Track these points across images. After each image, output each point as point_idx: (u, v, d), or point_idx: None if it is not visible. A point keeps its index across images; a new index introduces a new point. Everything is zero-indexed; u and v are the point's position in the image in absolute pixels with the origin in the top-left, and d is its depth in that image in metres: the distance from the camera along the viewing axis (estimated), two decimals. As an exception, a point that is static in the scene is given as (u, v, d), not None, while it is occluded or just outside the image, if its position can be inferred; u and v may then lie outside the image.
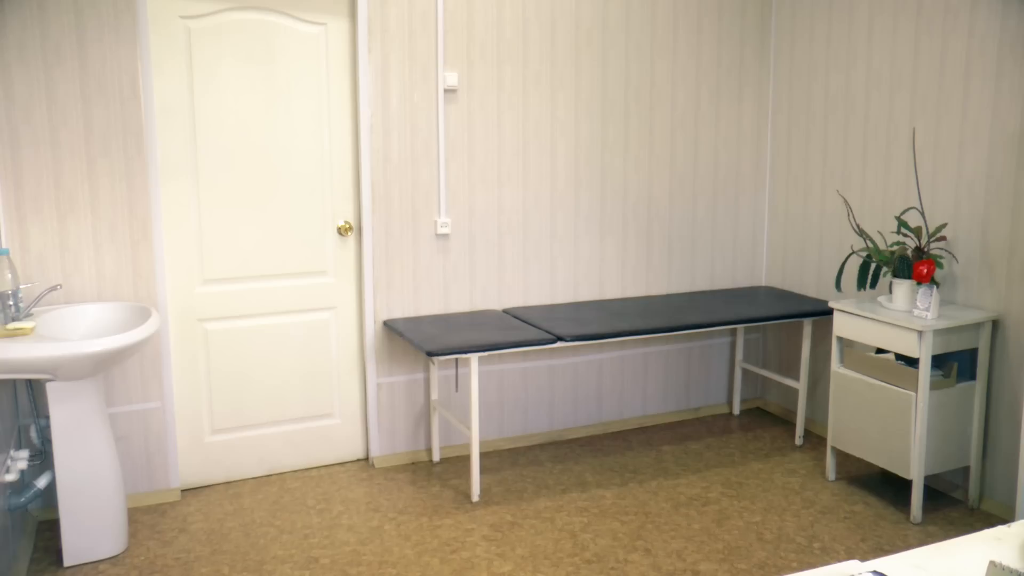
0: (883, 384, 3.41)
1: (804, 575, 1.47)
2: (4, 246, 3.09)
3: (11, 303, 2.93)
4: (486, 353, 3.42)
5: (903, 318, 3.32)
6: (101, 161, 3.25)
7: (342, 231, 3.74)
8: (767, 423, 4.49)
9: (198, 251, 3.53)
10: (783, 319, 4.00)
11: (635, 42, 4.14)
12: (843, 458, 3.83)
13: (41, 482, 3.04)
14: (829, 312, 3.74)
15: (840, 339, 3.63)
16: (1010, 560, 1.55)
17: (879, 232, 3.74)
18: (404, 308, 3.85)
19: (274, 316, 3.71)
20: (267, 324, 3.70)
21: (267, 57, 3.56)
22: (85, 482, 2.97)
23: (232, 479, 3.72)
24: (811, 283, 4.31)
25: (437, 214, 3.85)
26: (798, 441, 4.19)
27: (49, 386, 2.89)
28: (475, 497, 3.54)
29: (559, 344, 3.52)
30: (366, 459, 3.94)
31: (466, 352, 3.37)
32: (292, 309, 3.74)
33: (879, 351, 3.53)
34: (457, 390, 3.98)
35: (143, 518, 3.37)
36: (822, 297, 4.19)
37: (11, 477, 2.82)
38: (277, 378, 3.75)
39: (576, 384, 4.26)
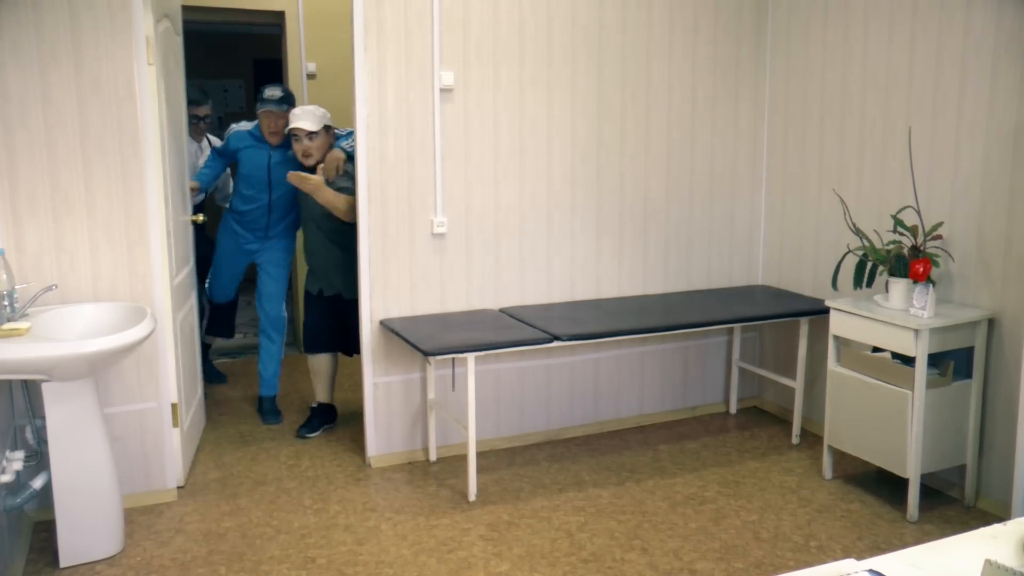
0: (879, 383, 3.41)
1: (800, 574, 1.47)
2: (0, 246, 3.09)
3: (6, 303, 2.92)
4: (483, 353, 3.42)
5: (899, 317, 3.32)
6: (97, 161, 3.24)
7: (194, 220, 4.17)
8: (764, 422, 4.49)
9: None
10: (779, 318, 4.00)
11: (631, 42, 4.14)
12: (840, 457, 3.83)
13: (37, 483, 3.03)
14: (825, 311, 3.74)
15: (837, 338, 3.63)
16: (1006, 558, 1.55)
17: (875, 231, 3.74)
18: (400, 308, 3.84)
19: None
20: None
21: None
22: (81, 482, 2.97)
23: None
24: (807, 282, 4.31)
25: (433, 213, 3.85)
26: (795, 440, 4.19)
27: (45, 386, 2.88)
28: (472, 497, 3.54)
29: (556, 344, 3.52)
30: (364, 461, 3.94)
31: (463, 352, 3.37)
32: None
33: (875, 350, 3.53)
34: (454, 390, 3.98)
35: (139, 518, 3.36)
36: (818, 296, 4.19)
37: (7, 478, 2.81)
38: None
39: (573, 383, 4.26)
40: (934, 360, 3.35)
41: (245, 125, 4.42)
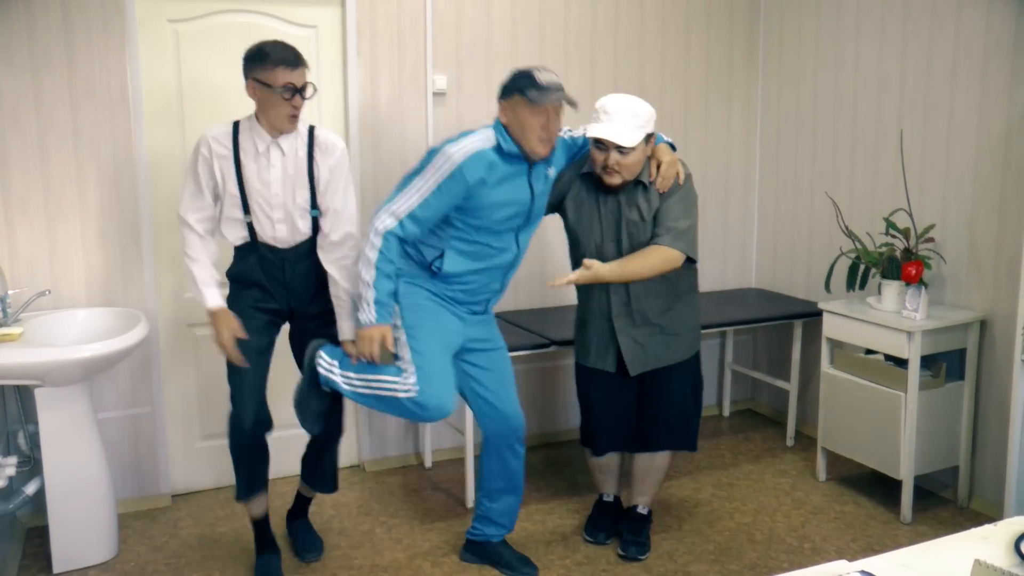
0: (873, 385, 3.42)
1: (792, 575, 1.48)
2: (-8, 251, 3.08)
3: (-1, 308, 2.92)
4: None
5: (892, 319, 3.34)
6: (89, 164, 3.24)
7: None
8: (758, 424, 4.50)
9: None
10: (773, 321, 4.01)
11: (624, 45, 4.15)
12: (833, 459, 3.83)
13: (30, 488, 3.02)
14: (818, 313, 3.75)
15: (830, 340, 3.64)
16: (996, 558, 1.56)
17: (868, 233, 3.75)
18: (395, 311, 3.84)
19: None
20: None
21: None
22: (74, 488, 2.96)
23: (222, 485, 3.67)
24: (800, 285, 4.32)
25: (427, 217, 3.84)
26: (789, 442, 4.20)
27: (38, 392, 2.87)
28: (470, 503, 3.53)
29: (552, 348, 3.52)
30: (358, 465, 3.93)
31: (457, 355, 3.36)
32: None
33: (868, 352, 3.54)
34: (448, 393, 3.97)
35: (133, 523, 3.36)
36: (811, 299, 4.20)
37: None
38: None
39: (566, 386, 4.25)
40: (927, 362, 3.36)
41: (472, 143, 2.59)
